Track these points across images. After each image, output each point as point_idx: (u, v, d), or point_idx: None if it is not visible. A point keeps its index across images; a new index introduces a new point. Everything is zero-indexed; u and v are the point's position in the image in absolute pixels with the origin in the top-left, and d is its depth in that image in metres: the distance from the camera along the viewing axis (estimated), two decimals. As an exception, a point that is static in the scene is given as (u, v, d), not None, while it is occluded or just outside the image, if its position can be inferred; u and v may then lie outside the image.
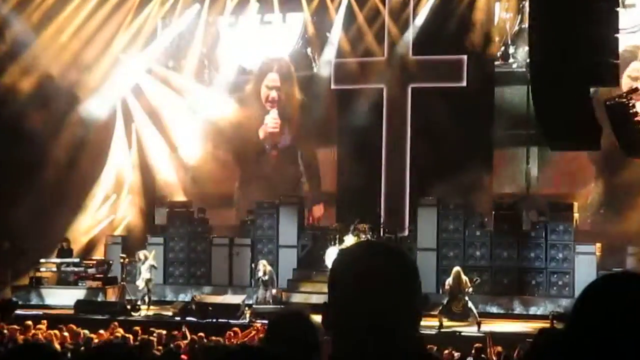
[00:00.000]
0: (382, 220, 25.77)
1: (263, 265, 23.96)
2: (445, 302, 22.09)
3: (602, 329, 2.15)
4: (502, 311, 23.83)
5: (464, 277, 22.39)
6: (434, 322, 21.26)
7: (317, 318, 3.15)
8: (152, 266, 24.55)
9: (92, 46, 28.17)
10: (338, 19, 28.20)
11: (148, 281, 24.31)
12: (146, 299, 24.18)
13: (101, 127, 28.70)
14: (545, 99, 15.87)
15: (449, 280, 22.32)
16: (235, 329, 18.98)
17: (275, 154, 29.59)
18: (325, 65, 28.32)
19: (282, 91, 29.38)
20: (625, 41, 21.68)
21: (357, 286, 2.48)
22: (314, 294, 23.47)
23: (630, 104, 17.61)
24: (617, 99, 17.61)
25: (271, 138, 29.54)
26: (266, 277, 23.69)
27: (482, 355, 16.51)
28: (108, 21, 28.54)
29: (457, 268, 22.75)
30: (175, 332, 18.41)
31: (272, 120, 29.46)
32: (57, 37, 27.91)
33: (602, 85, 17.90)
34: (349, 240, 23.55)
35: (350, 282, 2.50)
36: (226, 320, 21.89)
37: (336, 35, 28.20)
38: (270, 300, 23.49)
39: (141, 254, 24.82)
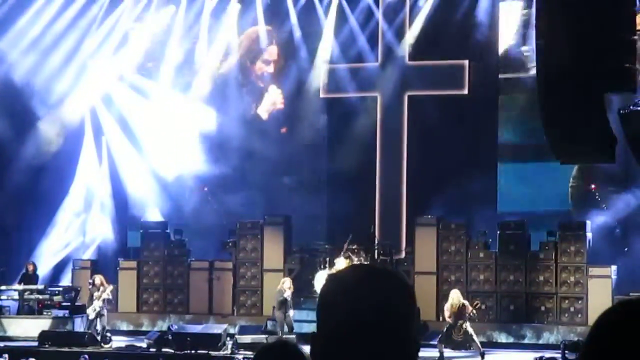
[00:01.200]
0: (376, 241, 25.75)
1: (290, 282, 23.77)
2: (445, 329, 22.07)
3: (620, 360, 2.13)
4: (510, 340, 23.81)
5: (463, 301, 22.36)
6: (434, 353, 21.23)
7: (306, 349, 3.13)
8: (108, 299, 24.00)
9: (58, 51, 28.13)
10: (328, 21, 28.14)
11: (99, 315, 23.66)
12: (99, 334, 23.39)
13: (69, 139, 28.61)
14: (553, 107, 15.89)
15: (448, 306, 22.28)
16: (216, 361, 18.94)
17: (285, 130, 29.06)
18: (313, 72, 28.23)
19: (279, 64, 28.99)
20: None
21: (348, 315, 2.46)
22: (303, 322, 23.42)
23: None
24: (632, 107, 17.60)
25: (278, 116, 29.03)
26: (289, 298, 23.34)
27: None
28: (75, 24, 28.50)
29: (455, 291, 22.75)
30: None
31: (277, 96, 28.98)
32: (20, 39, 27.89)
33: (618, 92, 17.92)
34: (340, 263, 23.54)
35: (341, 310, 2.48)
36: (206, 352, 21.87)
37: (326, 38, 28.15)
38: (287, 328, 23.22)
39: (97, 278, 24.17)
